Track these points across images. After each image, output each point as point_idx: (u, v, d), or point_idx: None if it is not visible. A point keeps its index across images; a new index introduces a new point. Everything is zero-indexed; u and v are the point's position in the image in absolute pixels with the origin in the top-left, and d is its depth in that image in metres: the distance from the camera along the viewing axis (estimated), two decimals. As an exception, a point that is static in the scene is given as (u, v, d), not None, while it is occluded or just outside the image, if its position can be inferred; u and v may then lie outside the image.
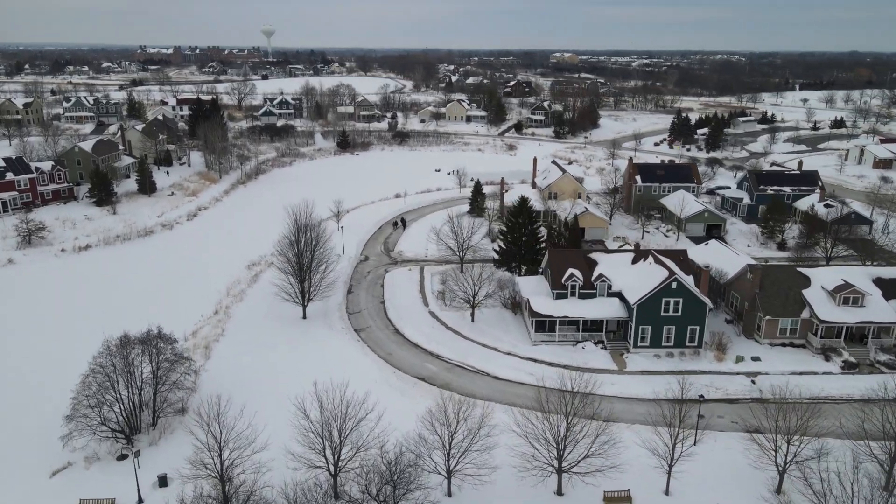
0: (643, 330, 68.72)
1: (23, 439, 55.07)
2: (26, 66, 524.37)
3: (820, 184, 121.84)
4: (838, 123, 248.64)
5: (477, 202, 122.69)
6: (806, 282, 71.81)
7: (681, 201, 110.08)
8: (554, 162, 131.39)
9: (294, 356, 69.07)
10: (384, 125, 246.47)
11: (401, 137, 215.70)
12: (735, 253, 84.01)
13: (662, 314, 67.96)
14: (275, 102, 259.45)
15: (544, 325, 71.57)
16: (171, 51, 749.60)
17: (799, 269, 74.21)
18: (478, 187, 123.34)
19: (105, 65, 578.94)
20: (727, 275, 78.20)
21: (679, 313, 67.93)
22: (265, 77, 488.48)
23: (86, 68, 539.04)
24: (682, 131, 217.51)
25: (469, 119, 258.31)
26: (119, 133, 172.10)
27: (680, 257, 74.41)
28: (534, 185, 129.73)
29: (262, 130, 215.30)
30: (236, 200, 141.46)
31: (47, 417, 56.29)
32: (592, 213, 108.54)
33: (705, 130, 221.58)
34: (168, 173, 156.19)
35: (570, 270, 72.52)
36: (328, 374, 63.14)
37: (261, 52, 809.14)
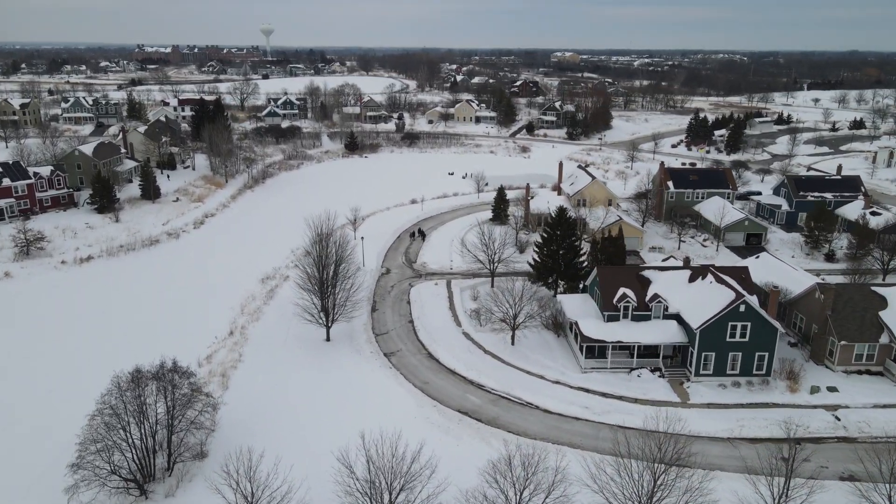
0: (706, 357, 62.32)
1: (21, 490, 48.44)
2: (23, 65, 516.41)
3: (863, 189, 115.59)
4: (858, 124, 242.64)
5: (500, 209, 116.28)
6: (882, 303, 65.48)
7: (721, 209, 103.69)
8: (580, 166, 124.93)
9: (321, 386, 62.53)
10: (391, 126, 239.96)
11: (410, 139, 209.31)
12: (792, 268, 77.62)
13: (728, 340, 61.56)
14: (279, 103, 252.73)
15: (594, 350, 65.15)
16: (169, 50, 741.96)
17: (873, 287, 67.86)
18: (501, 193, 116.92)
19: (103, 64, 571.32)
20: (788, 293, 71.80)
21: (746, 338, 61.55)
22: (266, 76, 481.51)
23: (83, 67, 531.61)
24: (699, 133, 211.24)
25: (478, 120, 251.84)
26: (120, 135, 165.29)
27: (741, 275, 68.06)
28: (559, 191, 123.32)
29: (267, 132, 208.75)
30: (244, 206, 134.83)
31: (49, 464, 49.70)
32: (627, 223, 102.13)
33: (723, 132, 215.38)
34: (169, 177, 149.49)
35: (622, 290, 66.12)
36: (361, 408, 57.30)
37: (260, 51, 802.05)
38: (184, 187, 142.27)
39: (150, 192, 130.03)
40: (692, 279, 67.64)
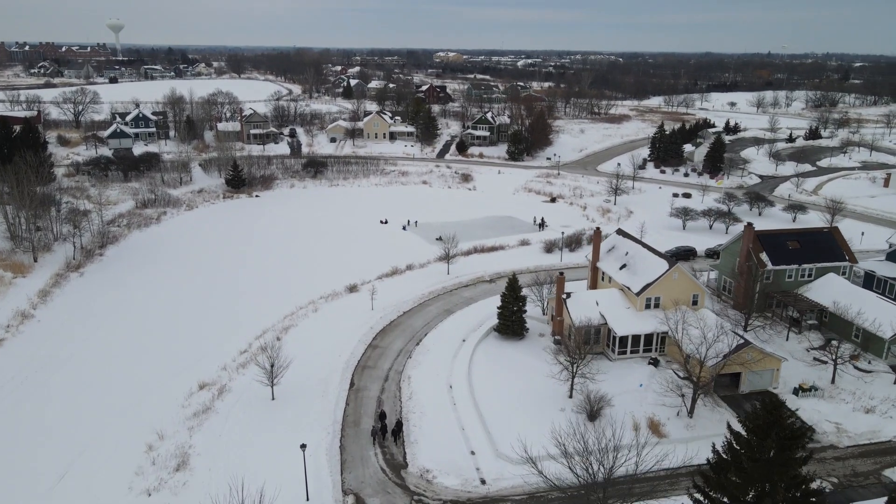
0: None
1: None
2: None
3: None
4: (813, 134, 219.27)
5: (514, 313, 70.02)
6: None
7: (893, 321, 63.38)
8: (620, 231, 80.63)
9: None
10: (284, 148, 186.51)
11: (314, 168, 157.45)
12: None
13: None
14: (129, 118, 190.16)
15: None
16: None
17: None
18: (513, 286, 70.38)
19: None
20: None
21: None
22: (114, 80, 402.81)
23: None
24: (668, 149, 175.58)
25: (393, 137, 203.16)
26: None
27: None
28: (593, 275, 78.70)
29: (112, 163, 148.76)
30: (62, 314, 78.84)
31: None
32: (755, 349, 59.36)
33: (690, 147, 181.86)
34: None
35: None
36: None
37: (108, 49, 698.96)
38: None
39: None
40: None
